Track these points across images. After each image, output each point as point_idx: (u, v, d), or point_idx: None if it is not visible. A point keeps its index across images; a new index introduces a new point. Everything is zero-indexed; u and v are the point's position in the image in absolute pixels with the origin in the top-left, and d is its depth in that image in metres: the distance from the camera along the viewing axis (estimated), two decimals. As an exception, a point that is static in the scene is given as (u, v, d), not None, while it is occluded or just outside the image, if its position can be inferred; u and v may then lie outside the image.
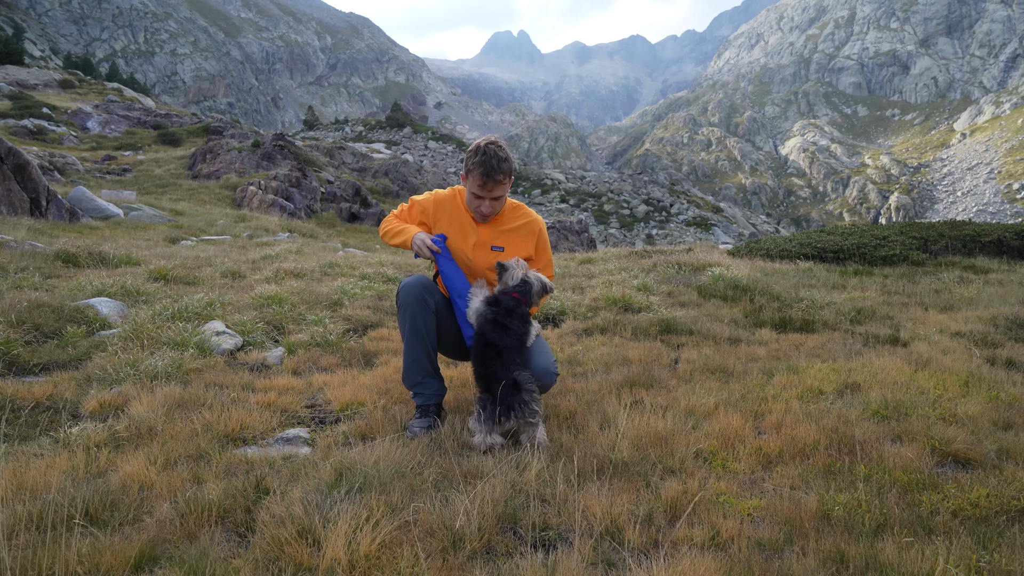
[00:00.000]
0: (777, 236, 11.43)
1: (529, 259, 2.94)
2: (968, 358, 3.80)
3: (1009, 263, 7.99)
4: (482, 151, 2.69)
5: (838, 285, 6.71)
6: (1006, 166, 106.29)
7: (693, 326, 4.74)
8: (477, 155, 2.70)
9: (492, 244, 2.90)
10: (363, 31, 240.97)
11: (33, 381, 3.16)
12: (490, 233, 2.91)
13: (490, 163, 2.68)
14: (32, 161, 10.22)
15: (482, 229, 2.90)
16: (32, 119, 31.34)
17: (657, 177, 78.61)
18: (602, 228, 50.47)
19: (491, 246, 2.90)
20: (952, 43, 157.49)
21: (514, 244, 2.92)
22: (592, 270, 8.44)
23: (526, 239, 2.95)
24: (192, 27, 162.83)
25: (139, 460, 2.23)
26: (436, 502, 1.95)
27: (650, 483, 2.18)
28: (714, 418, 2.82)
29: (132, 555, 1.67)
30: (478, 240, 2.89)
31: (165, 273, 6.19)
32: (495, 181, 2.70)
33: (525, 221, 2.97)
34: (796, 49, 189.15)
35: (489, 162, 2.68)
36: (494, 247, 2.90)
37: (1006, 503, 2.03)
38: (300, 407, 3.05)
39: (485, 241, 2.90)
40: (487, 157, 2.68)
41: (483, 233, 2.90)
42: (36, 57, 70.33)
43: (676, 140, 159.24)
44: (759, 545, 1.84)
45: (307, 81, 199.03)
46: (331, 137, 66.54)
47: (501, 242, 2.91)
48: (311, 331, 4.38)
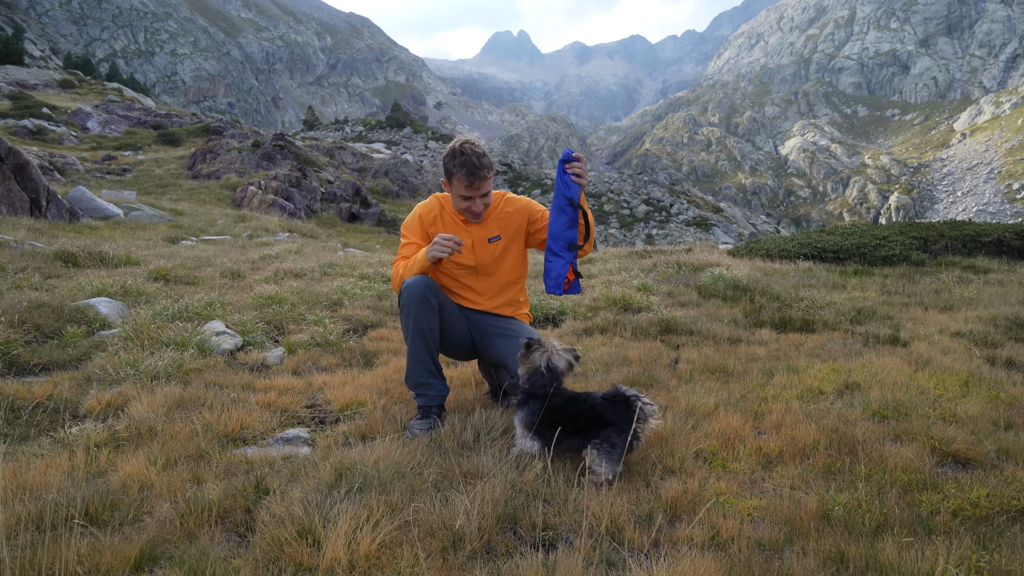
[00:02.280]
0: (777, 236, 11.43)
1: (531, 225, 2.95)
2: (968, 358, 3.80)
3: (1009, 263, 7.99)
4: (459, 152, 2.66)
5: (838, 285, 6.71)
6: (1006, 166, 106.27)
7: (693, 326, 4.74)
8: (456, 158, 2.67)
9: (488, 237, 2.90)
10: (363, 31, 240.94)
11: (33, 381, 3.16)
12: (481, 228, 2.90)
13: (471, 162, 2.65)
14: (32, 161, 10.22)
15: (472, 226, 2.90)
16: (32, 119, 31.35)
17: (657, 177, 78.59)
18: (602, 228, 50.45)
19: (488, 239, 2.90)
20: (952, 43, 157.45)
21: (509, 227, 2.93)
22: (592, 270, 8.44)
23: (512, 217, 2.94)
24: (192, 27, 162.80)
25: (139, 460, 2.23)
26: (436, 502, 1.94)
27: (650, 483, 2.18)
28: (714, 418, 2.81)
29: (132, 555, 1.67)
30: (475, 239, 2.89)
31: (165, 273, 6.19)
32: (480, 178, 2.68)
33: (503, 201, 2.96)
34: (796, 49, 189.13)
35: (470, 162, 2.65)
36: (491, 239, 2.90)
37: (1006, 503, 2.03)
38: (300, 407, 3.05)
39: (481, 237, 2.89)
40: (467, 157, 2.65)
41: (475, 230, 2.89)
42: (36, 57, 70.30)
43: (676, 140, 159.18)
44: (759, 545, 1.84)
45: (307, 81, 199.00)
46: (331, 137, 66.52)
47: (495, 231, 2.91)
48: (311, 331, 4.38)
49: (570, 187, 2.69)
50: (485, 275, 2.94)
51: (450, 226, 2.90)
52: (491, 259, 2.92)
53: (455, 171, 2.68)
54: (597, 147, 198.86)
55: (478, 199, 2.77)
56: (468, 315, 2.99)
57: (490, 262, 2.92)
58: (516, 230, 2.96)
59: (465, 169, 2.65)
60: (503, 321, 2.98)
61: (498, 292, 2.99)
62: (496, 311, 2.99)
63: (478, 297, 2.98)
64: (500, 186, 60.19)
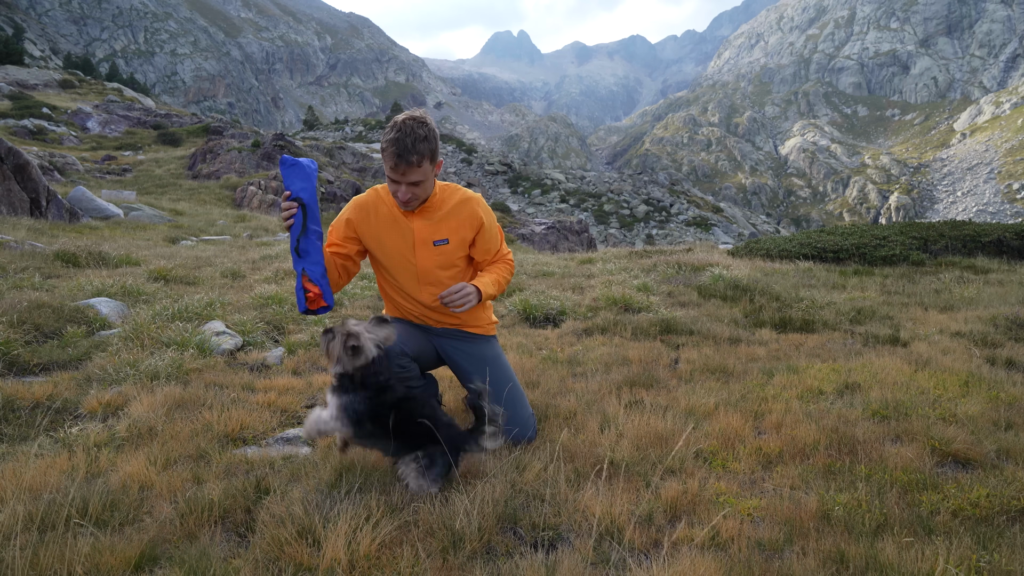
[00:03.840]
0: (777, 236, 11.43)
1: (474, 243, 2.58)
2: (968, 358, 3.80)
3: (1009, 263, 7.99)
4: (397, 127, 2.25)
5: (838, 285, 6.71)
6: (1006, 166, 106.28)
7: (693, 326, 4.74)
8: (391, 132, 2.26)
9: (434, 239, 2.48)
10: (363, 31, 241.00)
11: (33, 381, 3.15)
12: (426, 227, 2.47)
13: (404, 142, 2.23)
14: (32, 161, 10.22)
15: (416, 223, 2.47)
16: (32, 119, 31.35)
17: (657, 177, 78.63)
18: (602, 228, 50.48)
19: (433, 241, 2.48)
20: (952, 43, 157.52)
21: (457, 232, 2.51)
22: (592, 270, 8.44)
23: (466, 221, 2.52)
24: (192, 27, 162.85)
25: (139, 460, 2.23)
26: (436, 502, 1.95)
27: (650, 483, 2.18)
28: (714, 418, 2.81)
29: (132, 555, 1.67)
30: (416, 238, 2.47)
31: (165, 273, 6.19)
32: (408, 163, 2.25)
33: (459, 200, 2.52)
34: (796, 49, 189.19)
35: (403, 141, 2.23)
36: (436, 242, 2.48)
37: (1006, 503, 2.03)
38: (300, 407, 3.05)
39: (425, 238, 2.47)
40: (401, 135, 2.23)
41: (419, 228, 2.47)
42: (36, 57, 70.33)
43: (676, 140, 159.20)
44: (759, 545, 1.84)
45: (307, 81, 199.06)
46: (331, 137, 66.52)
47: (443, 234, 2.49)
48: (311, 331, 4.38)
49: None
50: (428, 284, 2.54)
51: (385, 221, 2.48)
52: (435, 266, 2.51)
53: (386, 147, 2.27)
54: (597, 147, 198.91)
55: (404, 186, 2.32)
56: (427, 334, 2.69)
57: (435, 268, 2.52)
58: (466, 237, 2.55)
59: (394, 147, 2.24)
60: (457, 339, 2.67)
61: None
62: (448, 325, 2.66)
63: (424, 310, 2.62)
64: (500, 186, 60.04)
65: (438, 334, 2.69)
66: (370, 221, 2.50)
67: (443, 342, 2.69)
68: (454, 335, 2.69)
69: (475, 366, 2.63)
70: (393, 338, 2.17)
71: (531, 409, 2.68)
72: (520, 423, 2.54)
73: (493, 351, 2.73)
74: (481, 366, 2.61)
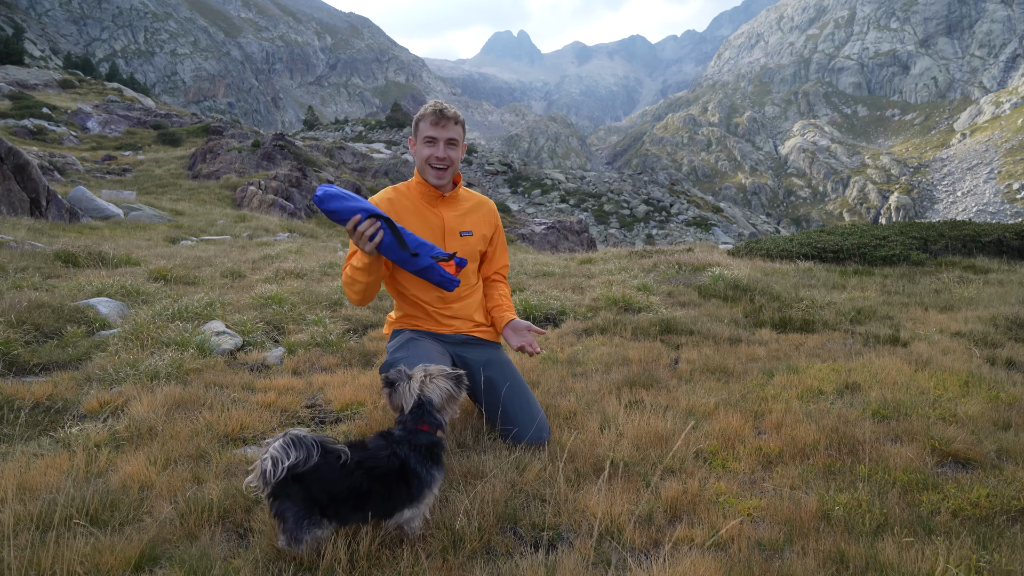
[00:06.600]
0: (777, 236, 11.43)
1: (492, 243, 2.81)
2: (968, 358, 3.80)
3: (1009, 263, 8.00)
4: (431, 104, 2.58)
5: (838, 285, 6.71)
6: (1006, 166, 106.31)
7: (693, 326, 4.74)
8: (426, 108, 2.57)
9: (460, 230, 2.65)
10: (363, 31, 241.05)
11: (33, 381, 3.15)
12: (454, 218, 2.65)
13: (442, 105, 2.55)
14: (32, 161, 10.22)
15: (445, 213, 2.63)
16: (32, 119, 31.33)
17: (657, 177, 78.62)
18: (602, 228, 50.50)
19: (460, 232, 2.65)
20: (952, 43, 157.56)
21: (479, 227, 2.72)
22: (592, 270, 8.44)
23: (485, 219, 2.76)
24: (192, 27, 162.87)
25: (139, 460, 2.23)
26: (436, 502, 1.94)
27: (650, 483, 2.18)
28: (714, 418, 2.81)
29: (132, 555, 1.67)
30: (445, 227, 2.61)
31: (165, 273, 6.19)
32: (447, 118, 2.51)
33: (478, 200, 2.79)
34: (796, 49, 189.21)
35: (440, 104, 2.56)
36: (463, 232, 2.66)
37: (1006, 503, 2.03)
38: (300, 407, 3.05)
39: (452, 228, 2.63)
40: (436, 106, 2.56)
41: (447, 219, 2.63)
42: (36, 57, 70.32)
43: (676, 140, 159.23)
44: (759, 545, 1.84)
45: (307, 81, 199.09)
46: (331, 137, 66.56)
47: (468, 226, 2.68)
48: (311, 331, 4.38)
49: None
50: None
51: (410, 212, 2.59)
52: (462, 254, 2.62)
53: (424, 116, 2.54)
54: (597, 147, 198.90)
55: (443, 144, 2.52)
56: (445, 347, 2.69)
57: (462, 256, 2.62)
58: (486, 233, 2.76)
59: (433, 106, 2.54)
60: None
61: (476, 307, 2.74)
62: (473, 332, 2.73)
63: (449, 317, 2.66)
64: (500, 186, 60.11)
65: (453, 343, 2.73)
66: (395, 211, 2.57)
67: (457, 349, 2.75)
68: (468, 342, 2.75)
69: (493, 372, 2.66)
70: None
71: (543, 411, 2.67)
72: (536, 425, 2.53)
73: (502, 356, 2.80)
74: (500, 372, 2.66)
